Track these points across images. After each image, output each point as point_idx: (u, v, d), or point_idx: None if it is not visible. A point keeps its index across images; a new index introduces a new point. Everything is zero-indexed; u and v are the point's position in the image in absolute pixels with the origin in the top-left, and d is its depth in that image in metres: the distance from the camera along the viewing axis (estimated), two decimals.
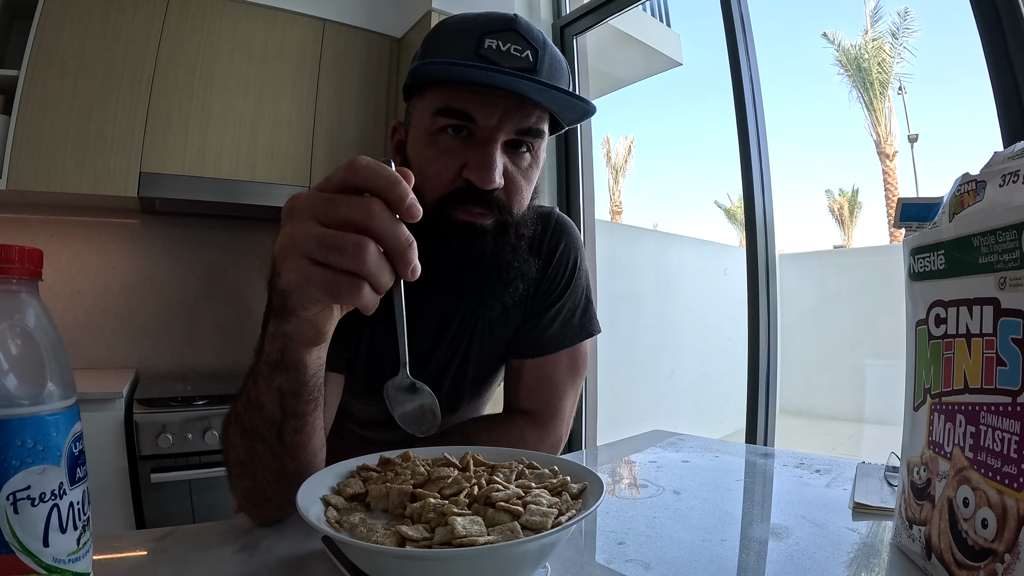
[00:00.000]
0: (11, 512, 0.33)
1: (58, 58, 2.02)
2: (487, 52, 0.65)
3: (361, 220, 0.41)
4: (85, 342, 2.39)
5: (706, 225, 24.34)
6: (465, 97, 0.65)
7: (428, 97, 0.68)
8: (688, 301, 5.50)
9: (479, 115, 0.65)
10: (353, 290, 0.42)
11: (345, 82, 2.59)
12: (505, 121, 0.66)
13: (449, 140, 0.67)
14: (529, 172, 0.71)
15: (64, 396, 0.37)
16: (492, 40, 0.65)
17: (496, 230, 0.69)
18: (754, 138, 1.96)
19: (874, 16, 12.00)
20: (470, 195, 0.66)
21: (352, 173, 0.42)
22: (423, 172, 0.68)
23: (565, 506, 0.46)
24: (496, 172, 0.65)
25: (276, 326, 0.50)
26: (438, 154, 0.67)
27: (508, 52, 0.65)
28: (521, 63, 0.65)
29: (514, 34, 0.66)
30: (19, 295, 0.36)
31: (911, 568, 0.51)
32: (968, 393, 0.44)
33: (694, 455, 0.92)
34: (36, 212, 2.32)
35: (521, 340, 0.85)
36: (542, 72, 0.66)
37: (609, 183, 17.92)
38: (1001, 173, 0.42)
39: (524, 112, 0.66)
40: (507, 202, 0.69)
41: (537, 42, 0.67)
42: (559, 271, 0.85)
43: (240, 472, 0.59)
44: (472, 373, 0.86)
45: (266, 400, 0.54)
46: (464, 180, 0.66)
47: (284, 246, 0.43)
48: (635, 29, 4.12)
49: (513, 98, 0.65)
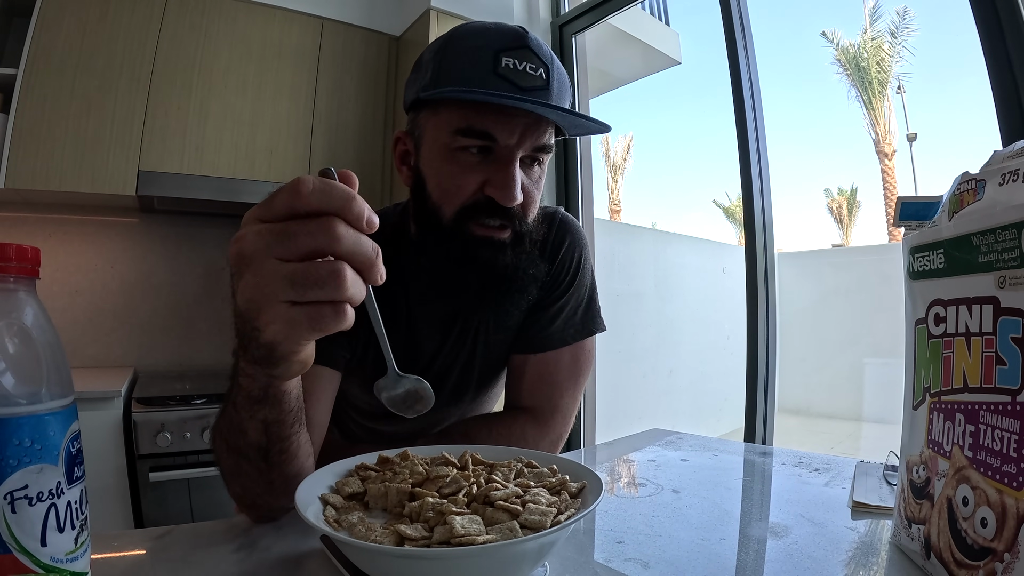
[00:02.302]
0: (8, 511, 0.33)
1: (56, 56, 2.02)
2: (505, 71, 0.66)
3: (325, 246, 0.38)
4: (83, 341, 2.39)
5: (705, 224, 24.35)
6: (486, 118, 0.67)
7: (444, 114, 0.69)
8: (687, 300, 5.50)
9: (500, 135, 0.67)
10: (339, 316, 0.40)
11: (343, 80, 2.58)
12: (524, 140, 0.68)
13: (469, 157, 0.69)
14: (540, 183, 0.74)
15: (62, 395, 0.36)
16: (509, 59, 0.67)
17: (513, 242, 0.72)
18: (753, 137, 1.96)
19: (873, 15, 12.00)
20: (491, 210, 0.69)
21: (299, 199, 0.38)
22: (442, 187, 0.70)
23: (564, 505, 0.46)
24: (517, 190, 0.68)
25: (260, 369, 0.47)
26: (460, 171, 0.69)
27: (525, 71, 0.67)
28: (536, 81, 0.68)
29: (528, 52, 0.68)
30: (16, 294, 0.36)
31: (910, 567, 0.51)
32: (967, 392, 0.44)
33: (693, 454, 0.92)
34: (34, 211, 2.32)
35: (524, 336, 0.86)
36: (553, 88, 0.69)
37: (608, 182, 17.92)
38: (1001, 172, 0.42)
39: (540, 130, 0.69)
40: (523, 214, 0.72)
41: (547, 59, 0.69)
42: (563, 269, 0.86)
43: (230, 480, 0.60)
44: (478, 371, 0.87)
45: (250, 429, 0.53)
46: (484, 195, 0.69)
47: (253, 297, 0.40)
48: (634, 28, 4.12)
49: (532, 117, 0.67)
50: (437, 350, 0.84)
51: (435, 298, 0.79)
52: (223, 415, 0.57)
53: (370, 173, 2.62)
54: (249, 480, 0.58)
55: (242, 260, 0.40)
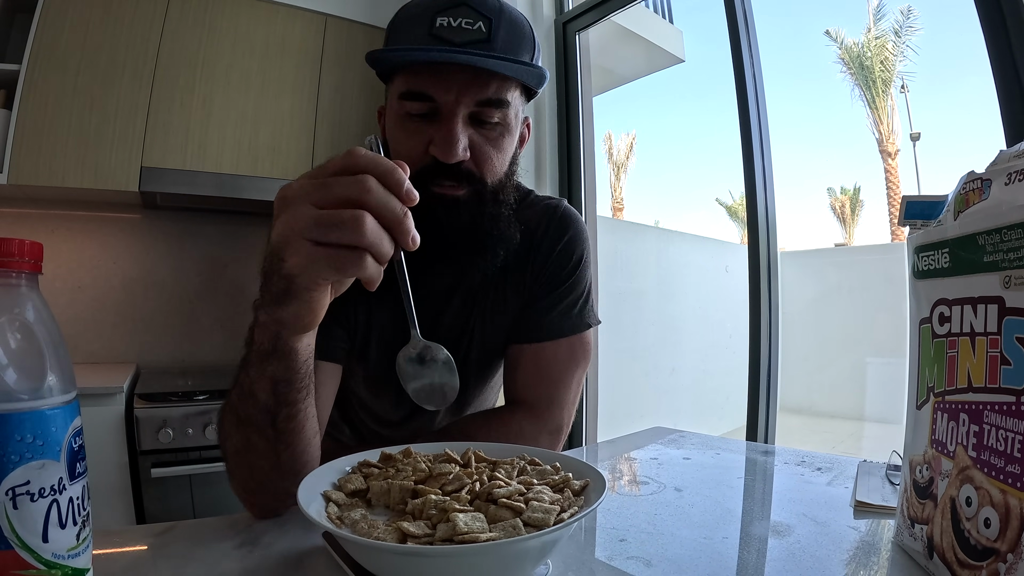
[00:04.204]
0: (10, 507, 0.33)
1: (59, 53, 2.02)
2: (439, 31, 0.66)
3: (356, 196, 0.43)
4: (86, 336, 2.39)
5: (708, 222, 24.29)
6: (422, 79, 0.67)
7: (395, 82, 0.71)
8: (689, 298, 5.51)
9: (437, 93, 0.67)
10: (357, 262, 0.43)
11: (347, 77, 2.58)
12: (463, 95, 0.67)
13: (416, 121, 0.69)
14: (500, 141, 0.72)
15: (64, 391, 0.36)
16: (443, 18, 0.67)
17: (470, 200, 0.71)
18: (756, 135, 1.95)
19: (877, 14, 11.97)
20: (439, 170, 0.68)
21: (351, 160, 0.44)
22: (397, 153, 0.71)
23: (567, 503, 0.46)
24: (458, 146, 0.67)
25: (270, 314, 0.50)
26: (407, 135, 0.70)
27: (460, 27, 0.67)
28: (474, 35, 0.67)
29: (465, 8, 0.67)
30: (19, 289, 0.36)
31: (912, 567, 0.50)
32: (972, 392, 0.43)
33: (695, 452, 0.92)
34: (37, 206, 2.32)
35: (520, 325, 0.85)
36: (497, 40, 0.67)
37: (611, 179, 17.90)
38: (1007, 171, 0.42)
39: (480, 84, 0.67)
40: (479, 172, 0.71)
41: (491, 11, 0.68)
42: (563, 260, 0.86)
43: (237, 462, 0.60)
44: (476, 354, 0.87)
45: (259, 389, 0.54)
46: (431, 156, 0.68)
47: (283, 232, 0.44)
48: (638, 25, 4.12)
49: (469, 72, 0.66)
50: (433, 330, 0.82)
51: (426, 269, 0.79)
52: (235, 386, 0.58)
53: None
54: (256, 455, 0.58)
55: (283, 202, 0.45)
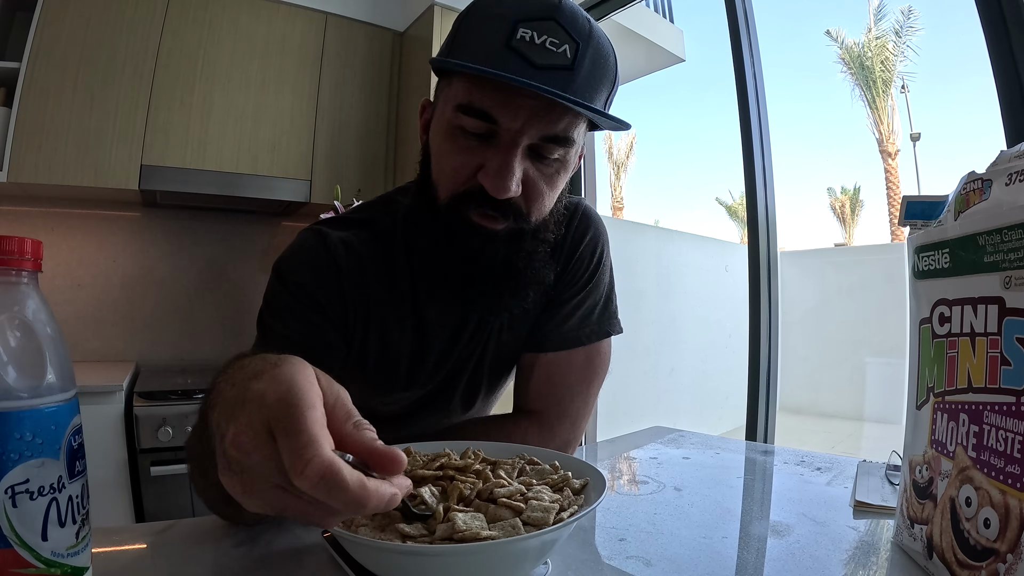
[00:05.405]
0: (9, 506, 0.33)
1: (59, 51, 2.02)
2: (518, 44, 0.56)
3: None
4: (85, 335, 2.39)
5: (707, 222, 24.33)
6: (487, 95, 0.58)
7: (454, 86, 0.61)
8: (689, 298, 5.50)
9: (501, 117, 0.58)
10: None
11: (347, 76, 2.58)
12: (529, 126, 0.58)
13: (470, 138, 0.61)
14: (555, 179, 0.64)
15: (63, 389, 0.36)
16: (527, 30, 0.57)
17: (509, 236, 0.64)
18: (757, 135, 1.95)
19: (878, 14, 11.98)
20: (484, 199, 0.60)
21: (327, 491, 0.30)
22: (440, 166, 0.64)
23: (567, 502, 0.46)
24: (512, 181, 0.59)
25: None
26: (456, 151, 0.62)
27: (543, 46, 0.57)
28: (557, 59, 0.57)
29: (552, 24, 0.57)
30: (19, 287, 0.36)
31: (912, 567, 0.50)
32: (972, 392, 0.43)
33: (695, 452, 0.92)
34: (37, 204, 2.32)
35: (537, 333, 0.80)
36: (581, 70, 0.58)
37: (611, 179, 17.92)
38: (1007, 172, 0.42)
39: (552, 117, 0.59)
40: (525, 209, 0.63)
41: (580, 35, 0.58)
42: (582, 263, 0.80)
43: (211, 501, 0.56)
44: (489, 365, 0.82)
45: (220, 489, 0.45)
46: (478, 183, 0.60)
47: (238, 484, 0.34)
48: (638, 25, 4.11)
49: (542, 101, 0.56)
50: (448, 350, 0.78)
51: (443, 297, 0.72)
52: (193, 434, 0.52)
53: (373, 170, 2.62)
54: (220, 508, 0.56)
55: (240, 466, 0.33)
